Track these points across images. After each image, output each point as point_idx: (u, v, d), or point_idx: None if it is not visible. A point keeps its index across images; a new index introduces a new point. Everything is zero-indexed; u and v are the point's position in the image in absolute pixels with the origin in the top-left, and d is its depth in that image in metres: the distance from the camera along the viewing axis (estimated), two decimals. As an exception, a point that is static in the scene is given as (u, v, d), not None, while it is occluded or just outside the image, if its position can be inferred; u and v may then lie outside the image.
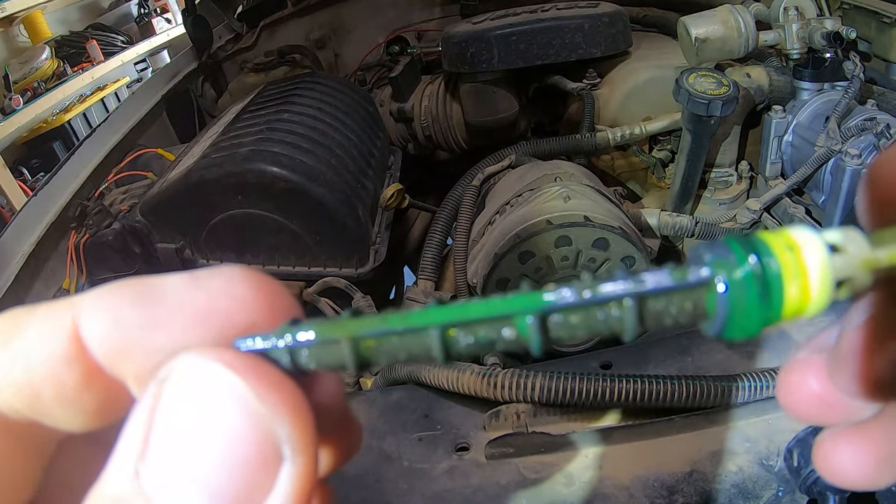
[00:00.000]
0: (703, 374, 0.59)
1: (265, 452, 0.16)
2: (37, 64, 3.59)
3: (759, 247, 0.15)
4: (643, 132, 1.27)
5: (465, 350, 0.17)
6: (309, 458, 0.16)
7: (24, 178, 3.30)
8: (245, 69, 1.90)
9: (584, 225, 0.91)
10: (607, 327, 0.16)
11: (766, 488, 0.52)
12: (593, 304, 0.16)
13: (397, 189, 1.26)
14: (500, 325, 0.16)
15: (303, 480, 0.16)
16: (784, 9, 1.16)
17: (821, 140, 1.06)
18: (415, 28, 1.96)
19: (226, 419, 0.16)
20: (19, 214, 1.18)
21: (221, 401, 0.16)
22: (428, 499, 0.56)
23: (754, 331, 0.15)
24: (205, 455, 0.15)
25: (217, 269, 0.18)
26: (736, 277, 0.15)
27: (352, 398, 0.69)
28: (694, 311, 0.16)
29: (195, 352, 0.16)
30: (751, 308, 0.15)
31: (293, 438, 0.16)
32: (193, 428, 0.16)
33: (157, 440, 0.16)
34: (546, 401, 0.59)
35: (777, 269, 0.15)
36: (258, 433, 0.16)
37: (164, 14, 4.48)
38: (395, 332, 0.17)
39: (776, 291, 0.15)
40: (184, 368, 0.16)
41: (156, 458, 0.16)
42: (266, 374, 0.16)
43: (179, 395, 0.16)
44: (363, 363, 0.17)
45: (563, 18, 1.37)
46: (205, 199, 1.08)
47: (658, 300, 0.16)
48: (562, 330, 0.16)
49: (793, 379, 0.20)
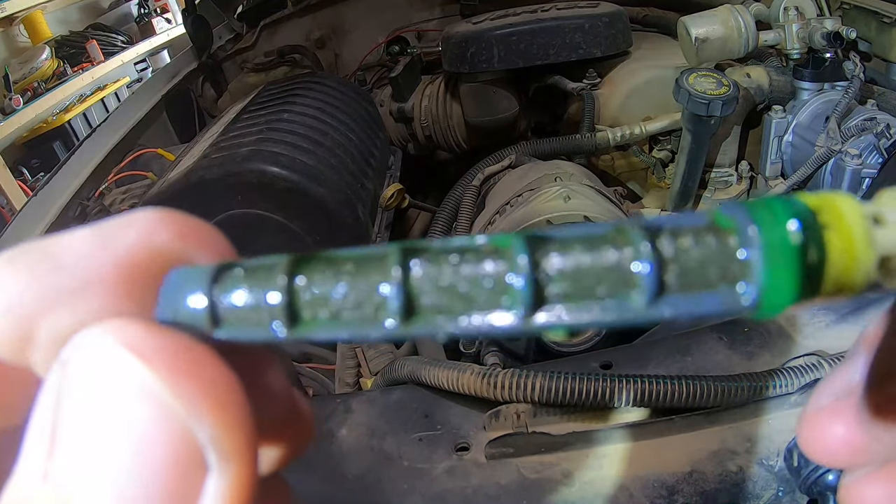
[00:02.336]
0: (703, 374, 0.59)
1: (183, 459, 0.13)
2: (37, 64, 3.59)
3: (804, 212, 0.13)
4: (643, 132, 1.27)
5: (432, 300, 0.13)
6: (242, 463, 0.13)
7: (24, 178, 3.30)
8: (245, 69, 1.90)
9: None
10: (616, 280, 0.13)
11: (766, 488, 0.52)
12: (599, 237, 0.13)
13: (397, 189, 1.26)
14: (481, 258, 0.13)
15: (235, 491, 0.13)
16: (784, 9, 1.16)
17: (821, 140, 1.06)
18: (415, 28, 1.96)
19: (132, 418, 0.13)
20: (19, 214, 1.18)
21: (125, 394, 0.13)
22: (428, 499, 0.56)
23: (784, 305, 0.13)
24: (114, 460, 0.13)
25: (129, 217, 0.15)
26: (776, 242, 0.13)
27: (351, 398, 0.69)
28: (723, 274, 0.13)
29: (96, 328, 0.13)
30: (786, 279, 0.13)
31: (219, 441, 0.13)
32: (100, 426, 0.13)
33: (64, 437, 0.13)
34: (546, 401, 0.59)
35: (822, 238, 0.13)
36: (172, 435, 0.13)
37: (164, 14, 4.48)
38: (342, 271, 0.14)
39: (819, 263, 0.13)
40: (83, 351, 0.13)
41: (63, 459, 0.13)
42: (184, 355, 0.13)
43: (80, 384, 0.13)
44: (294, 315, 0.14)
45: (563, 18, 1.37)
46: (205, 199, 1.08)
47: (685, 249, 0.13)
48: (565, 279, 0.13)
49: (817, 426, 0.19)
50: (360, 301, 0.14)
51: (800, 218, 0.13)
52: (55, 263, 0.14)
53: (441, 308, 0.13)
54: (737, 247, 0.13)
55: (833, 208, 0.13)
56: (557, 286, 0.13)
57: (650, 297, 0.13)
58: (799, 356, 0.61)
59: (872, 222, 0.14)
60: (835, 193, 0.14)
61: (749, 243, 0.13)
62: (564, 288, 0.13)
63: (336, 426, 0.64)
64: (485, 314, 0.13)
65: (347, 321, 0.14)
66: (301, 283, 0.14)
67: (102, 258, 0.14)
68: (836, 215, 0.13)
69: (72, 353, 0.13)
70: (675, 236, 0.13)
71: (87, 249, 0.15)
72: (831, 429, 0.19)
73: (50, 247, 0.15)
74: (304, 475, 0.59)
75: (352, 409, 0.66)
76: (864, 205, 0.14)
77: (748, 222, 0.13)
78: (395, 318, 0.13)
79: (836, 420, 0.19)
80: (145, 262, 0.15)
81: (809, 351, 0.61)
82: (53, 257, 0.14)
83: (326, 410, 0.66)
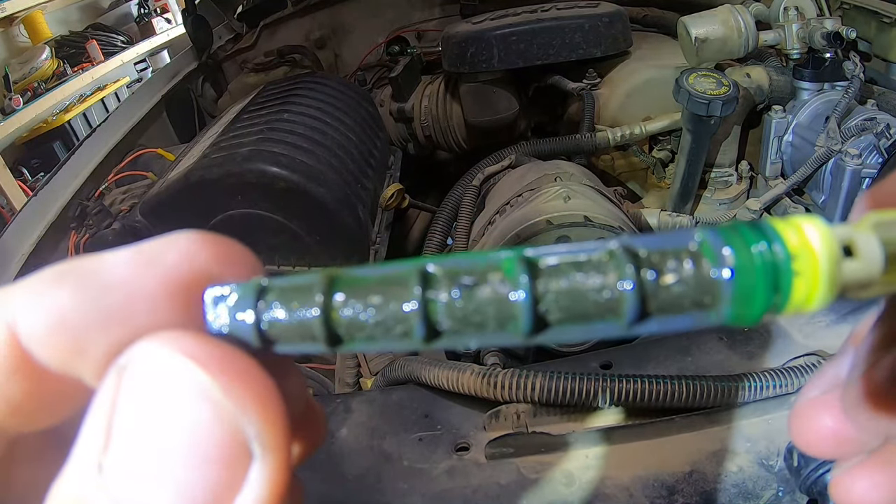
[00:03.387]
0: (703, 374, 0.59)
1: (233, 450, 0.14)
2: (37, 64, 3.59)
3: (770, 233, 0.14)
4: (643, 132, 1.27)
5: (449, 313, 0.15)
6: (280, 455, 0.15)
7: (24, 178, 3.30)
8: (245, 69, 1.90)
9: (584, 225, 0.91)
10: (602, 300, 0.14)
11: (766, 488, 0.52)
12: (584, 259, 0.14)
13: (397, 189, 1.26)
14: (491, 272, 0.15)
15: (275, 479, 0.15)
16: (784, 9, 1.16)
17: (821, 140, 1.06)
18: (415, 28, 1.96)
19: (189, 415, 0.14)
20: (19, 214, 1.18)
21: (183, 395, 0.14)
22: (428, 499, 0.56)
23: (754, 320, 0.15)
24: (169, 452, 0.14)
25: (169, 239, 0.17)
26: (747, 262, 0.14)
27: (351, 398, 0.69)
28: (697, 289, 0.14)
29: (153, 339, 0.15)
30: (756, 296, 0.14)
31: (263, 435, 0.15)
32: (157, 422, 0.14)
33: (120, 433, 0.15)
34: (546, 401, 0.59)
35: (787, 258, 0.14)
36: (224, 429, 0.14)
37: (164, 14, 4.48)
38: (373, 286, 0.15)
39: (785, 282, 0.14)
40: (142, 359, 0.15)
41: (119, 452, 0.15)
42: (232, 362, 0.15)
43: (139, 387, 0.15)
44: (334, 336, 0.16)
45: (563, 18, 1.37)
46: (205, 199, 1.08)
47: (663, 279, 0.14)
48: (554, 296, 0.14)
49: (806, 417, 0.20)
50: (388, 323, 0.15)
51: (768, 241, 0.14)
52: (103, 282, 0.16)
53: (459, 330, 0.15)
54: (710, 269, 0.14)
55: (805, 246, 0.14)
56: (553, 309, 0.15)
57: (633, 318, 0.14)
58: (799, 356, 0.61)
59: (843, 255, 0.14)
60: (809, 220, 0.15)
61: (722, 265, 0.14)
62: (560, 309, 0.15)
63: (336, 426, 0.64)
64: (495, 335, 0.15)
65: (377, 338, 0.15)
66: (338, 300, 0.15)
67: (147, 278, 0.16)
68: (808, 253, 0.14)
69: (131, 359, 0.15)
70: (656, 259, 0.14)
71: (133, 269, 0.16)
72: (819, 420, 0.20)
73: (96, 266, 0.16)
74: (305, 475, 0.59)
75: (352, 409, 0.66)
76: (840, 231, 0.15)
77: (721, 245, 0.14)
78: (420, 336, 0.15)
79: (823, 411, 0.20)
80: (186, 281, 0.16)
81: (809, 351, 0.61)
82: (101, 276, 0.16)
83: (326, 410, 0.66)
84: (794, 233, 0.14)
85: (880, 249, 0.15)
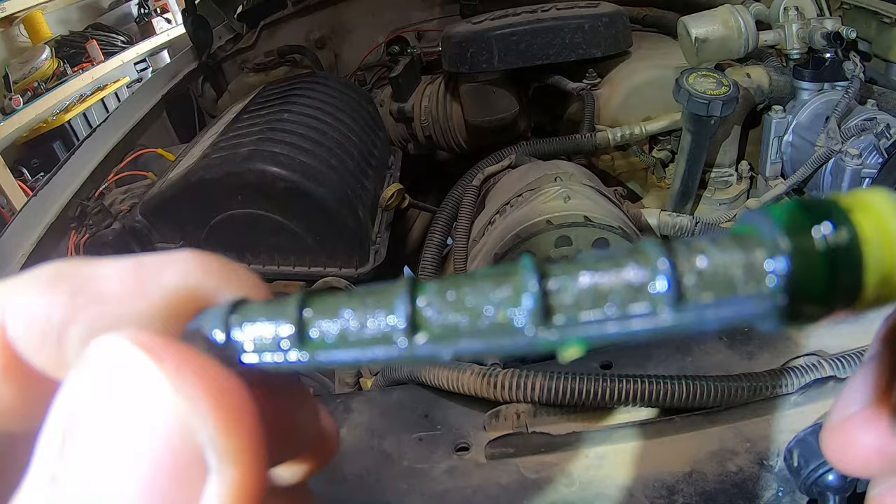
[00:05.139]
0: (703, 374, 0.59)
1: (183, 457, 0.13)
2: (37, 64, 3.59)
3: (836, 214, 0.12)
4: (643, 132, 1.27)
5: (438, 332, 0.14)
6: (243, 469, 0.13)
7: (24, 178, 3.30)
8: (245, 69, 1.90)
9: (584, 225, 0.91)
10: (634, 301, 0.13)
11: (766, 488, 0.52)
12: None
13: (397, 189, 1.26)
14: (498, 289, 0.14)
15: (234, 496, 0.13)
16: (784, 9, 1.16)
17: (821, 140, 1.06)
18: (415, 28, 1.96)
19: (143, 414, 0.13)
20: (19, 214, 1.18)
21: (138, 391, 0.13)
22: (428, 499, 0.56)
23: (817, 318, 0.12)
24: (121, 457, 0.13)
25: (166, 259, 0.16)
26: (806, 248, 0.12)
27: (351, 398, 0.69)
28: (748, 283, 0.12)
29: (116, 335, 0.14)
30: (819, 289, 0.12)
31: (218, 442, 0.13)
32: (106, 423, 0.13)
33: (75, 438, 0.13)
34: (546, 401, 0.59)
35: (857, 242, 0.12)
36: (175, 434, 0.13)
37: (164, 14, 4.48)
38: (350, 310, 0.14)
39: (856, 269, 0.12)
40: (98, 351, 0.14)
41: (73, 460, 0.13)
42: (192, 360, 0.13)
43: (93, 381, 0.13)
44: (303, 340, 0.15)
45: (563, 18, 1.37)
46: (205, 199, 1.08)
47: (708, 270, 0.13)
48: (569, 308, 0.13)
49: (846, 435, 0.18)
50: (368, 331, 0.14)
51: (831, 220, 0.12)
52: (97, 293, 0.15)
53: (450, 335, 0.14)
54: (763, 259, 0.12)
55: (867, 206, 0.12)
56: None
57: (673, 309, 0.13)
58: (799, 356, 0.61)
59: None
60: (869, 192, 0.13)
61: (776, 253, 0.12)
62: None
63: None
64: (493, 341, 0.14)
65: (353, 344, 0.14)
66: (308, 314, 0.15)
67: (140, 295, 0.15)
68: (872, 213, 0.12)
69: (88, 354, 0.14)
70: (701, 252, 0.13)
71: (128, 285, 0.15)
72: (861, 438, 0.18)
73: (93, 274, 0.16)
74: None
75: (352, 409, 0.66)
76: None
77: (775, 231, 0.12)
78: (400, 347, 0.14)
79: (865, 428, 0.18)
80: (178, 304, 0.16)
81: (809, 351, 0.61)
82: (96, 286, 0.15)
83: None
84: (866, 213, 0.12)
85: None
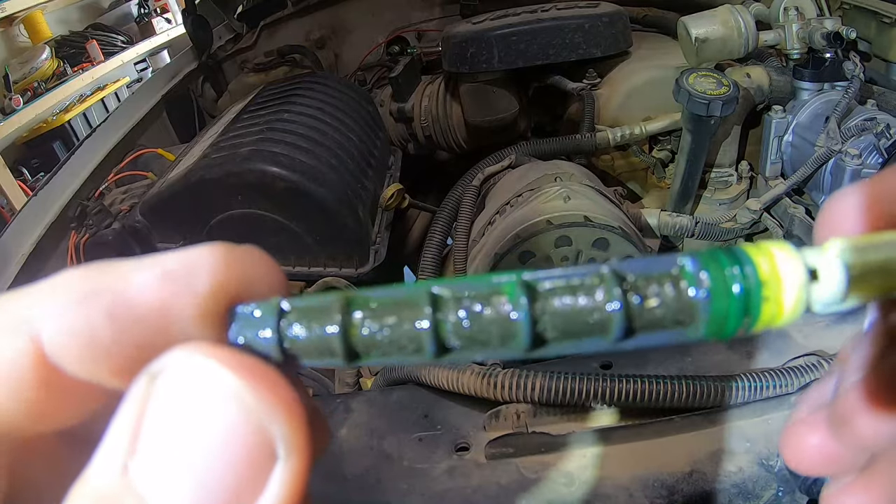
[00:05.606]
0: (703, 374, 0.59)
1: (260, 450, 0.16)
2: (37, 64, 3.59)
3: (744, 260, 0.16)
4: (643, 132, 1.27)
5: (457, 332, 0.16)
6: (303, 457, 0.16)
7: (24, 178, 3.30)
8: (245, 69, 1.90)
9: (584, 225, 0.91)
10: (591, 317, 0.16)
11: (766, 488, 0.52)
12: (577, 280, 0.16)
13: (397, 189, 1.26)
14: (492, 296, 0.16)
15: (296, 480, 0.16)
16: (784, 9, 1.16)
17: (821, 140, 1.06)
18: (415, 28, 1.96)
19: (221, 416, 0.15)
20: (19, 214, 1.18)
21: (217, 397, 0.16)
22: (428, 499, 0.56)
23: (727, 337, 0.16)
24: (198, 451, 0.15)
25: (194, 255, 0.17)
26: (721, 287, 0.16)
27: (351, 398, 0.69)
28: (677, 310, 0.16)
29: (186, 348, 0.16)
30: (729, 317, 0.16)
31: (288, 437, 0.16)
32: (187, 424, 0.15)
33: (148, 435, 0.16)
34: (546, 401, 0.59)
35: (756, 282, 0.16)
36: (253, 430, 0.15)
37: (164, 14, 4.48)
38: (389, 311, 0.16)
39: (754, 305, 0.16)
40: (177, 365, 0.16)
41: (146, 453, 0.15)
42: (260, 370, 0.16)
43: (173, 391, 0.16)
44: (353, 353, 0.17)
45: (563, 18, 1.37)
46: (205, 199, 1.08)
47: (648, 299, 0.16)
48: (550, 317, 0.16)
49: (796, 437, 0.21)
50: (401, 340, 0.17)
51: (741, 266, 0.16)
52: (131, 302, 0.16)
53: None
54: (688, 293, 0.16)
55: (774, 272, 0.16)
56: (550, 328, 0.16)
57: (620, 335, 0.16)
58: (799, 356, 0.61)
59: (809, 279, 0.16)
60: (780, 247, 0.16)
61: (699, 289, 0.16)
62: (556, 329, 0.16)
63: (336, 426, 0.64)
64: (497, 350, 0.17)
65: (391, 353, 0.17)
66: (356, 318, 0.17)
67: (175, 297, 0.17)
68: (776, 279, 0.16)
69: (165, 366, 0.16)
70: (641, 283, 0.16)
71: (161, 289, 0.17)
72: (806, 438, 0.20)
73: (123, 285, 0.17)
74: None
75: (352, 409, 0.66)
76: (807, 256, 0.16)
77: (699, 270, 0.16)
78: (431, 352, 0.16)
79: (810, 430, 0.20)
80: (212, 299, 0.17)
81: (809, 351, 0.61)
82: (128, 296, 0.16)
83: (326, 410, 0.66)
84: (766, 259, 0.16)
85: (843, 274, 0.16)
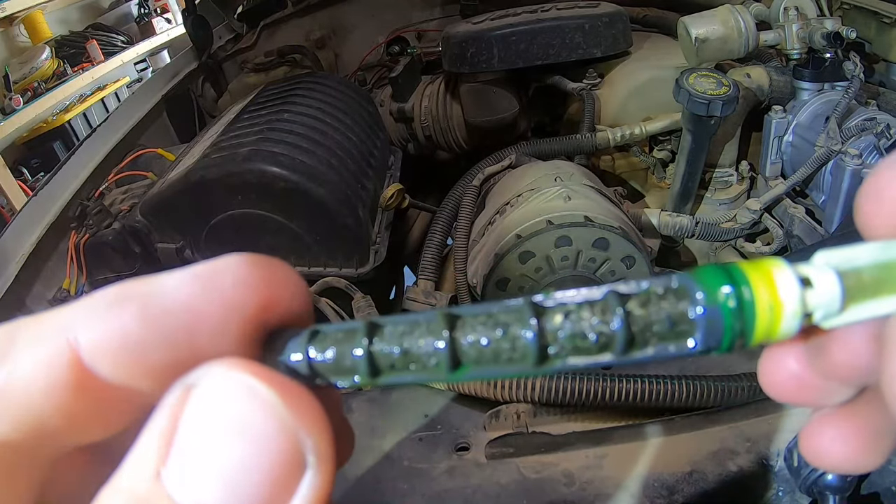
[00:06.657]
0: (703, 374, 0.59)
1: (291, 459, 0.16)
2: (37, 64, 3.59)
3: (739, 278, 0.17)
4: (643, 132, 1.27)
5: (474, 356, 0.17)
6: (330, 467, 0.17)
7: (24, 178, 3.29)
8: (245, 69, 1.90)
9: (584, 225, 0.91)
10: (595, 331, 0.17)
11: (766, 488, 0.52)
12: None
13: (397, 189, 1.26)
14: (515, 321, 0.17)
15: (323, 488, 0.17)
16: (784, 9, 1.16)
17: (821, 140, 1.06)
18: (415, 28, 1.96)
19: (258, 426, 0.16)
20: (19, 214, 1.18)
21: (255, 409, 0.17)
22: (428, 499, 0.56)
23: (723, 352, 0.17)
24: (231, 459, 0.16)
25: (221, 264, 0.18)
26: (715, 304, 0.17)
27: (352, 398, 0.69)
28: (675, 324, 0.17)
29: (224, 362, 0.17)
30: (724, 333, 0.17)
31: (317, 447, 0.17)
32: (221, 433, 0.16)
33: (182, 443, 0.16)
34: (546, 401, 0.59)
35: (752, 301, 0.17)
36: (286, 440, 0.16)
37: (164, 14, 4.48)
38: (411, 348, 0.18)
39: (749, 321, 0.17)
40: (215, 377, 0.17)
41: (180, 459, 0.16)
42: (292, 386, 0.17)
43: (209, 401, 0.17)
44: (376, 375, 0.18)
45: (563, 18, 1.37)
46: (205, 199, 1.08)
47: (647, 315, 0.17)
48: (562, 337, 0.17)
49: (773, 359, 0.21)
50: (420, 361, 0.18)
51: (734, 286, 0.17)
52: (164, 307, 0.17)
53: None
54: (686, 311, 0.17)
55: (769, 283, 0.17)
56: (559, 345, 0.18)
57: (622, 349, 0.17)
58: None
59: (802, 287, 0.17)
60: (775, 264, 0.17)
61: (695, 307, 0.17)
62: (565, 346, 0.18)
63: (336, 426, 0.64)
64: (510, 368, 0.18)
65: (411, 373, 0.18)
66: (377, 346, 0.18)
67: (207, 303, 0.18)
68: (772, 296, 0.17)
69: (202, 378, 0.17)
70: (642, 301, 0.17)
71: (192, 295, 0.18)
72: (783, 362, 0.20)
73: (155, 289, 0.18)
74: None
75: (352, 409, 0.66)
76: (799, 269, 0.17)
77: (696, 289, 0.17)
78: (445, 372, 0.18)
79: (788, 354, 0.20)
80: (241, 307, 0.18)
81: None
82: (161, 301, 0.17)
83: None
84: (761, 277, 0.17)
85: (840, 289, 0.17)
